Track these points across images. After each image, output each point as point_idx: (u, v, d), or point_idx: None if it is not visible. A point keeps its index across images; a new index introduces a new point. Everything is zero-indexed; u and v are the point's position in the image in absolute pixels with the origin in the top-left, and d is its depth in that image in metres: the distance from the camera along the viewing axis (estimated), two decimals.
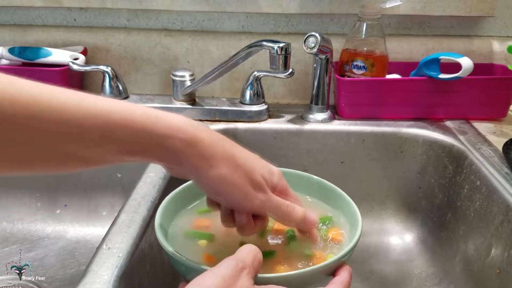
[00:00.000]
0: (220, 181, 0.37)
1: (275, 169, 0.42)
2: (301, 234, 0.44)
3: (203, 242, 0.44)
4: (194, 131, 0.36)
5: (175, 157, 0.35)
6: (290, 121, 0.80)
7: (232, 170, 0.37)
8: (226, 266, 0.33)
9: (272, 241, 0.45)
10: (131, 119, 0.33)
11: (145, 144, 0.34)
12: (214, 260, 0.41)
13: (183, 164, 0.36)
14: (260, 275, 0.35)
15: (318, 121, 0.79)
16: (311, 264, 0.41)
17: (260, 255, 0.35)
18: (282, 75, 0.77)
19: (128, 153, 0.34)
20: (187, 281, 0.35)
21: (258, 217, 0.41)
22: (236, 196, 0.38)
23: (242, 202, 0.38)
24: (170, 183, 0.46)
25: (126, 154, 0.34)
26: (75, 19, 0.91)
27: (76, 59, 0.81)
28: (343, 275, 0.38)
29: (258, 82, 0.79)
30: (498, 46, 0.88)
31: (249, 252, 0.35)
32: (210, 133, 0.37)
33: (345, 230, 0.46)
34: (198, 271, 0.34)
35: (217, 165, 0.36)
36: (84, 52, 0.85)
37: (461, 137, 0.74)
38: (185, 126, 0.35)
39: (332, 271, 0.39)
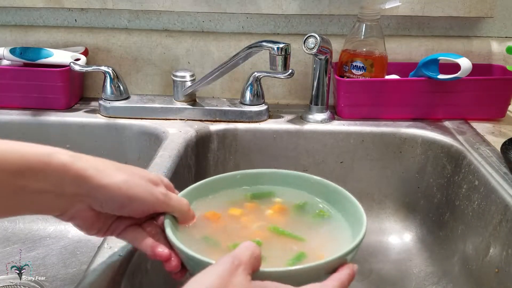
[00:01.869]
0: (124, 185, 0.38)
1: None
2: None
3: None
4: (73, 152, 0.38)
5: (68, 174, 0.36)
6: (290, 121, 0.80)
7: (130, 175, 0.40)
8: (223, 263, 0.33)
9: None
10: (16, 150, 0.35)
11: (33, 164, 0.35)
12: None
13: (79, 180, 0.37)
14: (260, 269, 0.35)
15: (318, 122, 0.79)
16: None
17: (258, 251, 0.36)
18: (281, 76, 0.78)
19: (17, 177, 0.35)
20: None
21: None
22: (143, 195, 0.40)
23: (148, 200, 0.41)
24: (173, 182, 0.47)
25: (16, 178, 0.35)
26: (76, 20, 0.91)
27: (77, 59, 0.81)
28: (342, 272, 0.38)
29: (258, 82, 0.80)
30: (497, 47, 0.88)
31: (246, 249, 0.35)
32: (91, 156, 0.39)
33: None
34: (205, 266, 0.34)
35: (114, 174, 0.38)
36: (85, 53, 0.85)
37: (460, 137, 0.74)
38: (64, 149, 0.37)
39: (332, 269, 0.38)
